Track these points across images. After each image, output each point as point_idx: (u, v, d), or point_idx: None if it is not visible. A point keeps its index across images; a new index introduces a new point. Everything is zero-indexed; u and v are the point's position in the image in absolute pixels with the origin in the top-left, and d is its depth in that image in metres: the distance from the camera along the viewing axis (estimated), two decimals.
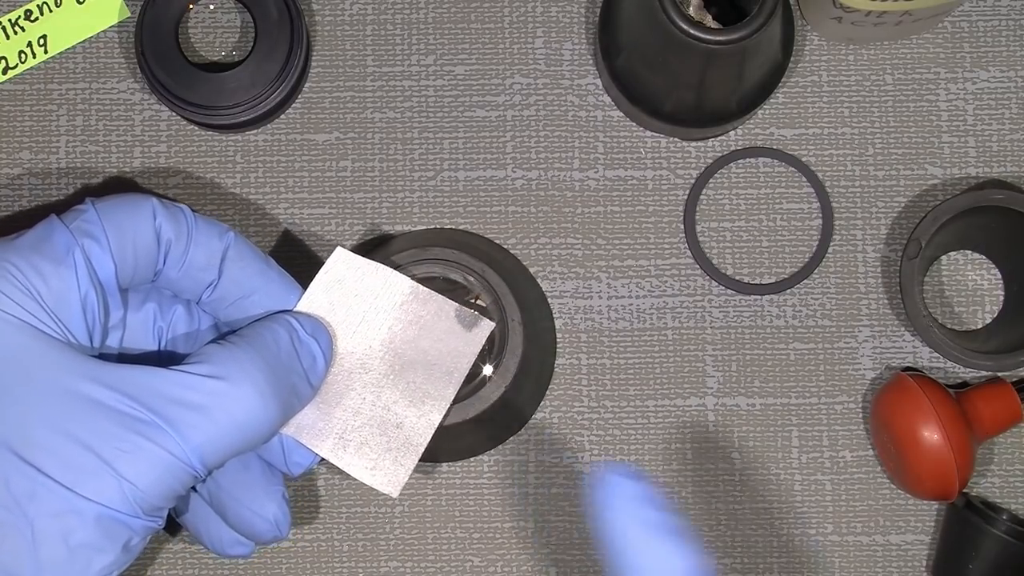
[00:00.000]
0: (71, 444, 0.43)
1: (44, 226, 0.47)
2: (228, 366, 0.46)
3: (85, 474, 0.43)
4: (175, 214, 0.49)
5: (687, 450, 0.64)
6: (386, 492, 0.51)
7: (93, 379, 0.44)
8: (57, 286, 0.45)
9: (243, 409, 0.46)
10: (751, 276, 0.65)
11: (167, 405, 0.44)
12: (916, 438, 0.59)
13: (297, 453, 0.51)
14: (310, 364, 0.49)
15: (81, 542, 0.43)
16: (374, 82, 0.65)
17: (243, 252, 0.50)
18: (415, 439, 0.51)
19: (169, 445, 0.44)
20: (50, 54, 0.65)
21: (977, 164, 0.65)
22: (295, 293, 0.51)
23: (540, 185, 0.65)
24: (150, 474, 0.44)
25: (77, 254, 0.46)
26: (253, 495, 0.50)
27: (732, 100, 0.61)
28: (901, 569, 0.63)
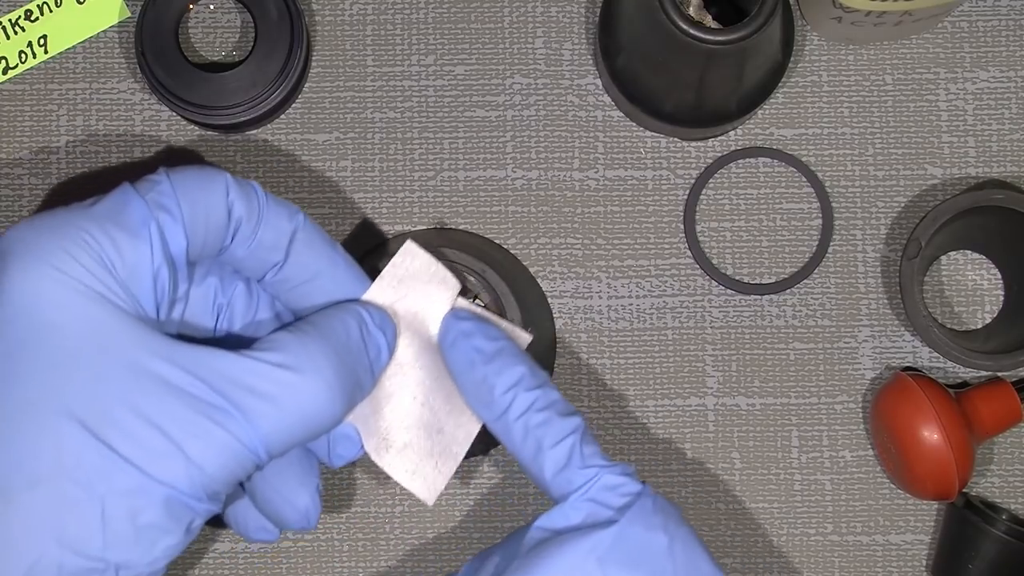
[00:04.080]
0: (143, 423, 0.43)
1: (119, 195, 0.46)
2: (300, 356, 0.46)
3: (155, 455, 0.43)
4: (247, 191, 0.48)
5: (687, 450, 0.64)
6: (422, 498, 0.50)
7: (167, 358, 0.44)
8: (131, 259, 0.45)
9: (311, 401, 0.45)
10: (751, 276, 0.65)
11: (238, 391, 0.44)
12: (916, 438, 0.59)
13: (342, 445, 0.50)
14: (376, 357, 0.49)
15: (148, 522, 0.43)
16: (374, 82, 0.65)
17: (312, 235, 0.49)
18: (454, 448, 0.50)
19: (238, 432, 0.44)
20: (50, 54, 0.65)
21: (977, 164, 0.65)
22: (360, 281, 0.50)
23: (540, 185, 0.65)
24: (217, 459, 0.44)
25: (153, 228, 0.45)
26: (288, 483, 0.49)
27: (732, 100, 0.61)
28: (901, 569, 0.63)
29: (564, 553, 0.45)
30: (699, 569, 0.46)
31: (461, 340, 0.50)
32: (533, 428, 0.48)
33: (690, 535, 0.47)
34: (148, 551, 0.43)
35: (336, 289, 0.50)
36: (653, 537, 0.46)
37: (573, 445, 0.48)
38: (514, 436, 0.48)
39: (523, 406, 0.48)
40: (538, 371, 0.49)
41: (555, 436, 0.48)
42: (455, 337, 0.50)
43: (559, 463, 0.48)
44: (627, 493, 0.47)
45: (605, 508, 0.47)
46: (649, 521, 0.46)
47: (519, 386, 0.48)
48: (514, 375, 0.49)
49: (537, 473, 0.48)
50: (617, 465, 0.48)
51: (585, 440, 0.48)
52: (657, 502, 0.47)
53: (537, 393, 0.48)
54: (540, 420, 0.48)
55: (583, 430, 0.48)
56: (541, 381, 0.49)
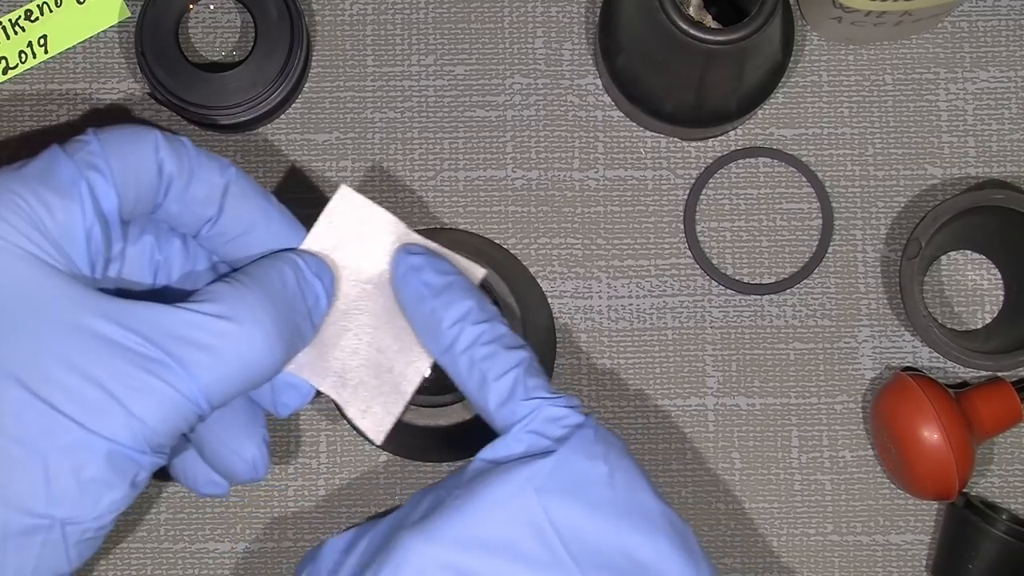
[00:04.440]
0: (82, 380, 0.43)
1: (48, 156, 0.46)
2: (236, 306, 0.46)
3: (96, 410, 0.43)
4: (177, 147, 0.48)
5: (687, 450, 0.64)
6: (371, 437, 0.50)
7: (103, 315, 0.44)
8: (63, 219, 0.45)
9: (250, 349, 0.46)
10: (751, 276, 0.65)
11: (176, 343, 0.45)
12: (916, 438, 0.59)
13: (286, 395, 0.50)
14: (314, 304, 0.49)
15: (92, 477, 0.43)
16: (374, 82, 0.65)
17: (244, 188, 0.49)
18: (403, 386, 0.51)
19: (178, 383, 0.44)
20: (50, 54, 0.65)
21: (977, 164, 0.65)
22: (296, 231, 0.51)
23: (540, 185, 0.65)
24: (158, 411, 0.44)
25: (82, 187, 0.45)
26: (233, 434, 0.49)
27: (732, 100, 0.61)
28: (901, 569, 0.63)
29: (502, 482, 0.45)
30: (640, 500, 0.46)
31: (410, 274, 0.50)
32: (478, 361, 0.48)
33: (632, 465, 0.47)
34: (93, 506, 0.44)
35: (272, 240, 0.50)
36: (593, 466, 0.46)
37: (517, 377, 0.48)
38: (460, 369, 0.48)
39: (469, 339, 0.48)
40: (486, 305, 0.49)
41: (499, 369, 0.48)
42: (405, 271, 0.50)
43: (503, 395, 0.48)
44: (569, 424, 0.47)
45: (546, 439, 0.47)
46: (590, 451, 0.46)
47: (466, 319, 0.48)
48: (461, 309, 0.49)
49: (483, 405, 0.48)
50: (561, 397, 0.48)
51: (529, 372, 0.48)
52: (599, 432, 0.47)
53: (484, 327, 0.48)
54: (485, 353, 0.48)
55: (528, 362, 0.48)
56: (489, 315, 0.49)
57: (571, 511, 0.45)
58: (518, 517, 0.45)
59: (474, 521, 0.45)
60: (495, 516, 0.45)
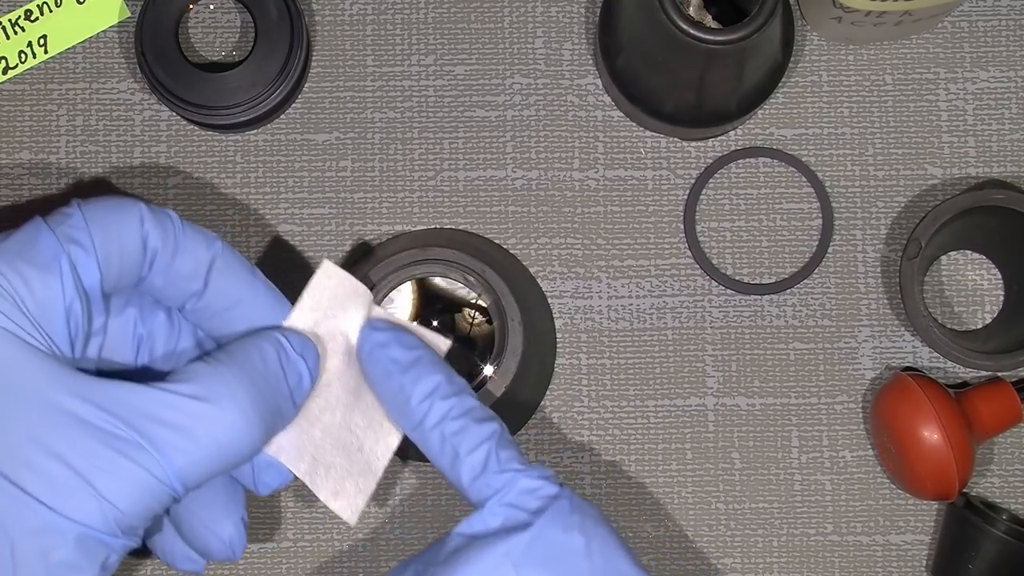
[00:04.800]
0: (53, 461, 0.42)
1: (29, 229, 0.45)
2: (214, 386, 0.45)
3: (66, 493, 0.42)
4: (162, 220, 0.47)
5: (687, 450, 0.64)
6: (345, 518, 0.49)
7: (77, 395, 0.43)
8: (42, 294, 0.44)
9: (227, 431, 0.44)
10: (751, 276, 0.65)
11: (150, 425, 0.43)
12: (916, 438, 0.59)
13: (267, 474, 0.49)
14: (296, 384, 0.48)
15: (60, 561, 0.42)
16: (374, 82, 0.65)
17: (231, 262, 0.48)
18: (374, 464, 0.50)
19: (151, 466, 0.43)
20: (50, 54, 0.65)
21: (977, 164, 0.65)
22: (281, 306, 0.50)
23: (540, 185, 0.65)
24: (131, 495, 0.43)
25: (64, 261, 0.44)
26: (212, 513, 0.49)
27: (732, 100, 0.61)
28: (901, 569, 0.63)
29: (480, 557, 0.45)
30: (618, 568, 0.46)
31: (377, 351, 0.49)
32: (449, 436, 0.47)
33: (609, 534, 0.47)
34: None
35: (257, 315, 0.49)
36: (569, 538, 0.46)
37: (489, 451, 0.47)
38: (432, 444, 0.48)
39: (439, 415, 0.48)
40: (455, 378, 0.49)
41: (471, 443, 0.47)
42: (371, 348, 0.49)
43: (476, 469, 0.47)
44: (544, 496, 0.47)
45: (522, 511, 0.46)
46: (566, 522, 0.46)
47: (435, 395, 0.48)
48: (430, 384, 0.48)
49: (456, 480, 0.48)
50: (535, 468, 0.47)
51: (501, 445, 0.48)
52: (574, 502, 0.47)
53: (453, 401, 0.48)
54: (456, 428, 0.48)
55: (499, 435, 0.48)
56: (457, 389, 0.48)
57: None
58: None
59: None
60: None
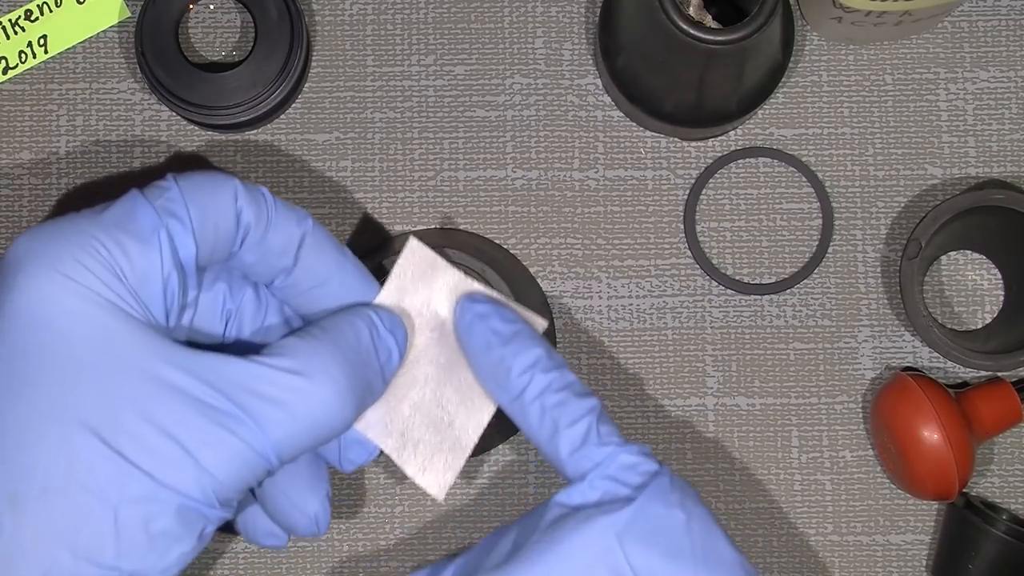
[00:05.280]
0: (155, 431, 0.43)
1: (128, 201, 0.46)
2: (309, 361, 0.45)
3: (168, 463, 0.43)
4: (256, 197, 0.47)
5: (687, 450, 0.64)
6: (432, 494, 0.50)
7: (178, 366, 0.44)
8: (141, 266, 0.45)
9: (321, 406, 0.45)
10: (751, 276, 0.65)
11: (249, 397, 0.44)
12: (916, 438, 0.59)
13: (352, 451, 0.50)
14: (386, 360, 0.49)
15: (161, 530, 0.43)
16: (374, 82, 0.65)
17: (320, 240, 0.49)
18: (464, 439, 0.50)
19: (250, 438, 0.44)
20: (50, 54, 0.65)
21: (977, 164, 0.65)
22: (370, 285, 0.50)
23: (540, 185, 0.65)
24: (229, 466, 0.44)
25: (162, 234, 0.45)
26: (298, 489, 0.49)
27: (732, 100, 0.61)
28: (901, 569, 0.63)
29: (583, 529, 0.45)
30: (716, 548, 0.46)
31: (478, 322, 0.49)
32: (550, 408, 0.48)
33: (708, 515, 0.47)
34: (161, 559, 0.43)
35: (345, 293, 0.50)
36: (671, 514, 0.46)
37: (590, 424, 0.47)
38: (530, 417, 0.48)
39: (540, 387, 0.48)
40: (554, 354, 0.49)
41: (572, 416, 0.48)
42: (472, 319, 0.49)
43: (575, 442, 0.47)
44: (645, 472, 0.47)
45: (623, 486, 0.46)
46: (667, 499, 0.46)
47: (536, 367, 0.48)
48: (531, 356, 0.48)
49: (553, 453, 0.48)
50: (634, 444, 0.48)
51: (602, 420, 0.48)
52: (675, 481, 0.47)
53: (554, 375, 0.48)
54: (557, 400, 0.48)
55: (600, 410, 0.48)
56: (558, 363, 0.49)
57: (651, 559, 0.45)
58: (600, 563, 0.45)
59: (557, 567, 0.44)
60: (577, 562, 0.45)
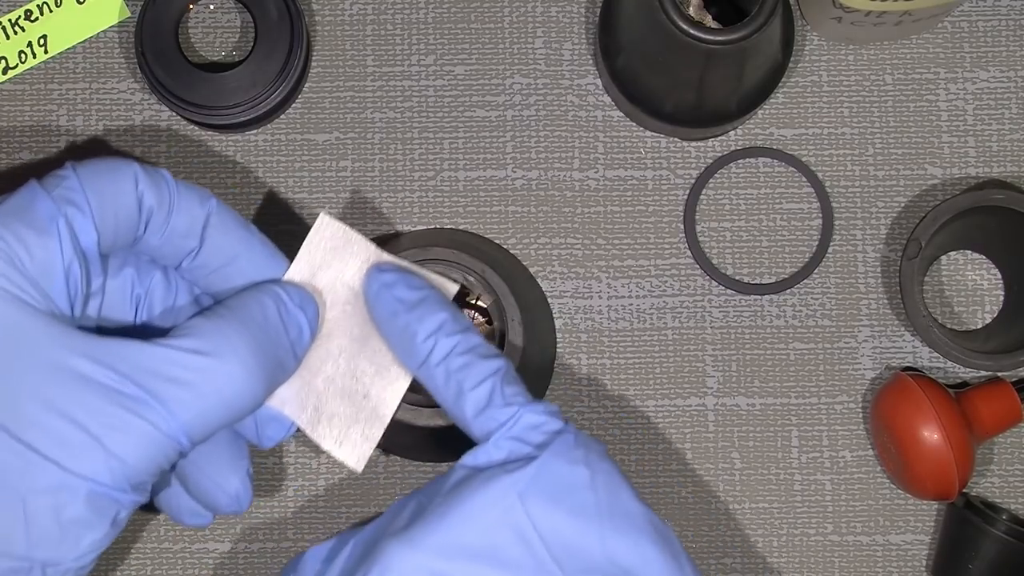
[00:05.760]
0: (61, 420, 0.43)
1: (25, 192, 0.46)
2: (215, 340, 0.45)
3: (75, 450, 0.43)
4: (157, 180, 0.47)
5: (687, 450, 0.64)
6: (351, 466, 0.50)
7: (82, 353, 0.44)
8: (41, 256, 0.44)
9: (230, 384, 0.45)
10: (751, 276, 0.65)
11: (155, 381, 0.44)
12: (916, 438, 0.59)
13: (270, 427, 0.50)
14: (296, 336, 0.48)
15: (72, 518, 0.43)
16: (374, 82, 0.65)
17: (225, 219, 0.49)
18: (382, 409, 0.50)
19: (158, 421, 0.44)
20: (50, 54, 0.65)
21: (977, 164, 0.65)
22: (279, 261, 0.50)
23: (540, 185, 0.65)
24: (139, 450, 0.44)
25: (61, 223, 0.45)
26: (217, 467, 0.49)
27: (732, 100, 0.61)
28: (901, 569, 0.63)
29: (485, 488, 0.45)
30: (622, 502, 0.46)
31: (383, 291, 0.49)
32: (454, 371, 0.48)
33: (613, 469, 0.47)
34: (74, 547, 0.43)
35: (254, 271, 0.49)
36: (574, 471, 0.46)
37: (494, 385, 0.47)
38: (437, 381, 0.48)
39: (444, 350, 0.48)
40: (460, 317, 0.49)
41: (476, 377, 0.48)
42: (378, 288, 0.50)
43: (480, 403, 0.47)
44: (549, 431, 0.47)
45: (526, 445, 0.46)
46: (570, 455, 0.46)
47: (440, 331, 0.48)
48: (435, 321, 0.48)
49: (460, 416, 0.48)
50: (540, 403, 0.48)
51: (507, 380, 0.48)
52: (579, 437, 0.47)
53: (458, 338, 0.48)
54: (461, 363, 0.48)
55: (504, 370, 0.48)
56: (463, 327, 0.49)
57: (554, 516, 0.45)
58: (502, 523, 0.45)
59: (458, 527, 0.44)
60: (479, 522, 0.45)
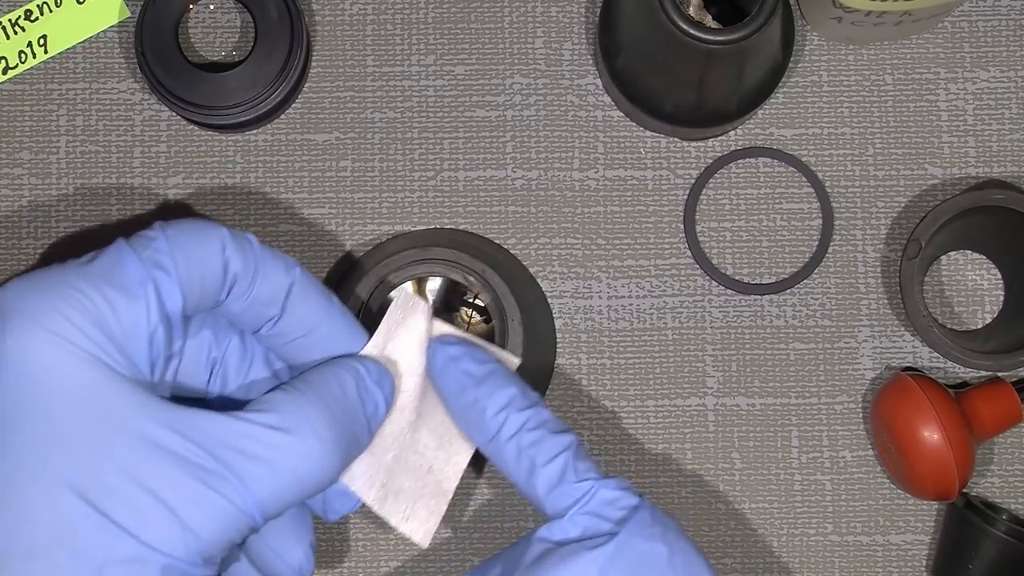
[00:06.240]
0: (139, 490, 0.42)
1: (114, 252, 0.45)
2: (295, 417, 0.45)
3: (152, 522, 0.42)
4: (243, 246, 0.47)
5: (687, 450, 0.64)
6: (416, 541, 0.50)
7: (162, 423, 0.43)
8: (128, 320, 0.44)
9: (306, 462, 0.45)
10: (751, 276, 0.65)
11: (233, 455, 0.44)
12: (916, 438, 0.59)
13: (338, 501, 0.50)
14: (373, 413, 0.48)
15: None
16: (374, 82, 0.65)
17: (308, 289, 0.48)
18: (445, 484, 0.50)
19: (233, 496, 0.43)
20: (50, 54, 0.65)
21: (977, 164, 0.65)
22: (358, 334, 0.50)
23: (540, 185, 0.65)
24: (213, 525, 0.43)
25: (149, 287, 0.44)
26: (282, 539, 0.49)
27: (732, 100, 0.61)
28: (901, 569, 0.63)
29: (567, 564, 0.45)
30: None
31: (450, 365, 0.49)
32: (526, 448, 0.48)
33: (689, 546, 0.47)
34: None
35: (332, 342, 0.49)
36: (653, 547, 0.46)
37: (567, 461, 0.47)
38: (507, 457, 0.48)
39: (515, 426, 0.48)
40: (529, 392, 0.49)
41: (548, 453, 0.48)
42: (444, 362, 0.49)
43: (553, 480, 0.47)
44: (625, 506, 0.47)
45: (604, 521, 0.47)
46: (648, 532, 0.46)
47: (510, 407, 0.48)
48: (505, 396, 0.48)
49: (531, 492, 0.48)
50: (612, 479, 0.48)
51: (579, 456, 0.48)
52: (655, 514, 0.47)
53: (529, 413, 0.48)
54: (533, 439, 0.48)
55: (576, 446, 0.48)
56: (532, 401, 0.49)
57: None
58: None
59: None
60: None
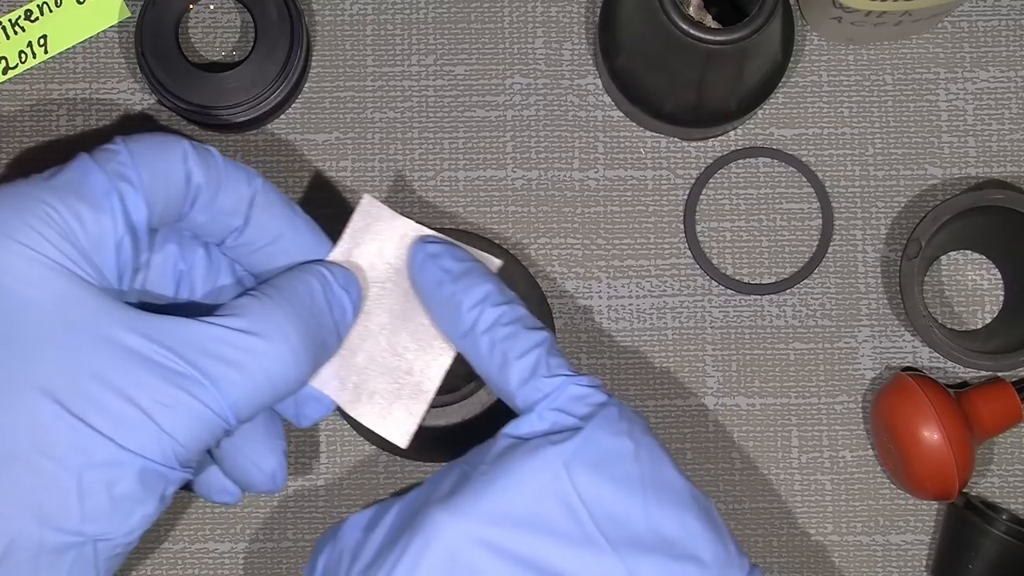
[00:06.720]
0: (115, 396, 0.43)
1: (79, 167, 0.46)
2: (264, 320, 0.46)
3: (129, 426, 0.43)
4: (205, 157, 0.48)
5: (687, 450, 0.64)
6: (396, 441, 0.50)
7: (135, 329, 0.44)
8: (94, 231, 0.45)
9: (277, 365, 0.46)
10: (751, 276, 0.65)
11: (206, 359, 0.45)
12: (916, 438, 0.59)
13: (309, 406, 0.50)
14: (340, 317, 0.49)
15: (123, 493, 0.44)
16: (374, 82, 0.65)
17: (271, 198, 0.49)
18: (425, 384, 0.51)
19: (207, 399, 0.44)
20: (50, 54, 0.65)
21: (977, 164, 0.65)
22: (322, 242, 0.51)
23: (540, 185, 0.65)
24: (189, 428, 0.44)
25: (114, 199, 0.45)
26: (254, 446, 0.49)
27: (732, 100, 0.61)
28: (901, 569, 0.63)
29: (531, 457, 0.45)
30: (664, 475, 0.46)
31: (429, 262, 0.50)
32: (499, 341, 0.48)
33: (655, 444, 0.47)
34: (125, 521, 0.44)
35: (298, 250, 0.50)
36: (618, 443, 0.46)
37: (539, 356, 0.48)
38: (481, 350, 0.48)
39: (489, 320, 0.48)
40: (505, 289, 0.49)
41: (521, 348, 0.48)
42: (423, 259, 0.50)
43: (525, 374, 0.48)
44: (593, 403, 0.47)
45: (571, 416, 0.47)
46: (615, 428, 0.46)
47: (485, 302, 0.48)
48: (480, 292, 0.49)
49: (503, 385, 0.48)
50: (583, 376, 0.48)
51: (551, 352, 0.48)
52: (623, 410, 0.47)
53: (503, 308, 0.48)
54: (506, 333, 0.48)
55: (550, 342, 0.48)
56: (508, 298, 0.49)
57: (599, 487, 0.45)
58: (548, 492, 0.45)
59: (504, 496, 0.45)
60: (525, 491, 0.45)
